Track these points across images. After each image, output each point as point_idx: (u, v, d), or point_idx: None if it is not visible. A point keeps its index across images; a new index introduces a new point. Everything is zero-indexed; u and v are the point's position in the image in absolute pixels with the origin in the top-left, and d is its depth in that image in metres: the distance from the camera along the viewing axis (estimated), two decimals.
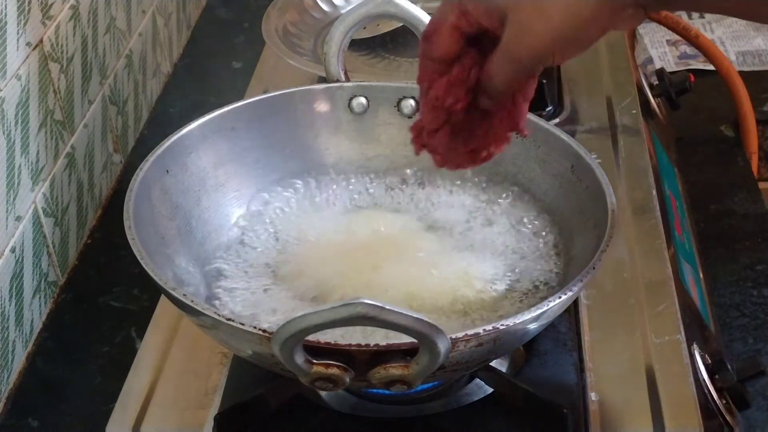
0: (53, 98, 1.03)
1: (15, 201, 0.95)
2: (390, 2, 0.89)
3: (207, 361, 0.86)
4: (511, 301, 0.81)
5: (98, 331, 1.00)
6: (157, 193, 0.84)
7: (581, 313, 0.88)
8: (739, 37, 1.52)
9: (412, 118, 0.94)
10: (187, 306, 0.70)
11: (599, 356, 0.84)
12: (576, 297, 0.75)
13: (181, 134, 0.88)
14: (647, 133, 1.13)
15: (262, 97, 0.94)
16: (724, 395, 0.86)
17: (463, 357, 0.68)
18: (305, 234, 0.88)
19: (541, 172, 0.89)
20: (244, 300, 0.82)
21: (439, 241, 0.86)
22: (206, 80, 1.38)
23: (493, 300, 0.81)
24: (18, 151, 0.95)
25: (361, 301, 0.60)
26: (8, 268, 0.93)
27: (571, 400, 0.80)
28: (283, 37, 1.22)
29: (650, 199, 1.01)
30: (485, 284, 0.82)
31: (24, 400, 0.94)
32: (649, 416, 0.79)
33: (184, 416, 0.82)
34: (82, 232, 1.11)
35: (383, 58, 1.23)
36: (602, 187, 0.80)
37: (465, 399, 0.82)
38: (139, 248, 0.74)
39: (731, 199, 1.20)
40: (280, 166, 0.94)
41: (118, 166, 1.21)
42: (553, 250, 0.85)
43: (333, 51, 0.92)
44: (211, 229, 0.88)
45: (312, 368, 0.66)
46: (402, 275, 0.81)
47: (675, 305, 0.89)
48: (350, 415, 0.81)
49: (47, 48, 1.01)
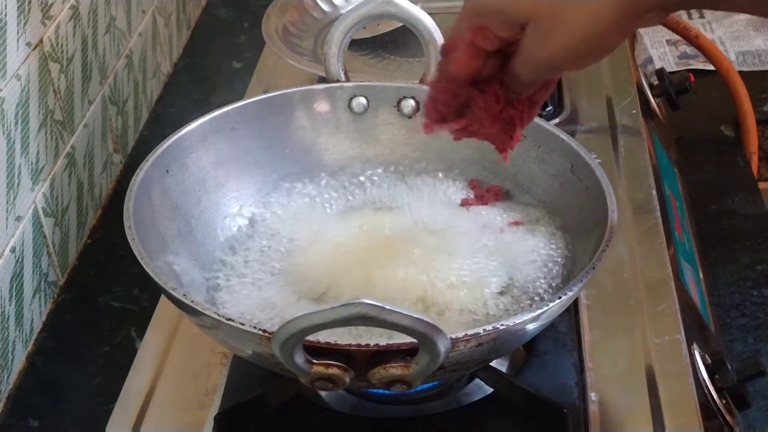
0: (53, 98, 1.03)
1: (15, 201, 0.95)
2: (390, 2, 0.89)
3: (207, 361, 0.86)
4: (511, 301, 0.81)
5: (98, 331, 1.00)
6: (157, 193, 0.84)
7: (581, 313, 0.88)
8: (739, 37, 1.52)
9: (412, 118, 0.94)
10: (187, 306, 0.70)
11: (599, 356, 0.84)
12: (576, 297, 0.75)
13: (181, 134, 0.88)
14: (647, 133, 1.13)
15: (262, 97, 0.94)
16: (724, 395, 0.86)
17: (463, 357, 0.68)
18: (305, 234, 0.88)
19: (541, 172, 0.89)
20: (244, 300, 0.82)
21: (439, 242, 0.86)
22: (206, 80, 1.38)
23: (492, 300, 0.81)
24: (18, 151, 0.95)
25: (361, 301, 0.60)
26: (8, 268, 0.93)
27: (571, 400, 0.80)
28: (283, 37, 1.22)
29: (650, 199, 1.01)
30: (485, 284, 0.82)
31: (24, 400, 0.94)
32: (649, 416, 0.79)
33: (184, 416, 0.82)
34: (82, 232, 1.11)
35: (383, 58, 1.23)
36: (602, 187, 0.80)
37: (465, 399, 0.82)
38: (139, 248, 0.74)
39: (731, 199, 1.20)
40: (280, 166, 0.94)
41: (118, 166, 1.21)
42: (553, 250, 0.85)
43: (333, 51, 0.92)
44: (211, 229, 0.88)
45: (312, 368, 0.66)
46: (402, 275, 0.81)
47: (675, 305, 0.89)
48: (350, 415, 0.81)
49: (47, 48, 1.01)
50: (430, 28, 0.90)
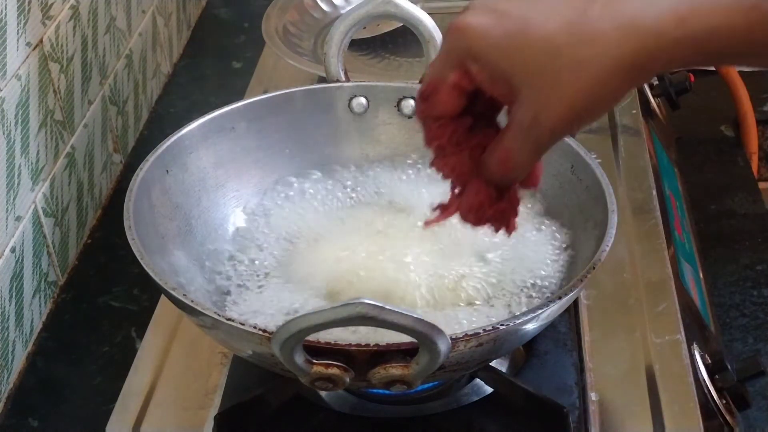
0: (53, 98, 1.03)
1: (15, 201, 0.95)
2: (390, 2, 0.89)
3: (207, 361, 0.86)
4: (511, 301, 0.81)
5: (98, 331, 1.00)
6: (157, 193, 0.84)
7: (581, 313, 0.88)
8: None
9: (412, 118, 0.94)
10: (187, 306, 0.70)
11: (599, 356, 0.84)
12: (576, 297, 0.75)
13: (181, 134, 0.88)
14: (647, 133, 1.13)
15: (262, 97, 0.94)
16: (724, 395, 0.86)
17: (463, 357, 0.68)
18: (305, 234, 0.88)
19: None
20: (243, 300, 0.82)
21: (440, 242, 0.86)
22: (206, 80, 1.38)
23: (492, 300, 0.81)
24: (18, 151, 0.95)
25: (361, 301, 0.60)
26: (8, 268, 0.93)
27: (571, 400, 0.80)
28: (283, 37, 1.22)
29: (650, 199, 1.01)
30: (485, 284, 0.82)
31: (24, 400, 0.94)
32: (649, 416, 0.79)
33: (184, 416, 0.82)
34: (82, 232, 1.11)
35: (383, 58, 1.23)
36: (602, 187, 0.80)
37: (465, 399, 0.82)
38: (139, 248, 0.74)
39: (731, 199, 1.20)
40: (279, 166, 0.94)
41: (118, 166, 1.21)
42: (553, 250, 0.85)
43: (333, 51, 0.92)
44: (211, 229, 0.88)
45: (312, 368, 0.66)
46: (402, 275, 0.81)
47: (675, 305, 0.89)
48: (350, 415, 0.81)
49: (47, 48, 1.01)
50: (430, 28, 0.90)
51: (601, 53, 0.59)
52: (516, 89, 0.61)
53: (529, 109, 0.61)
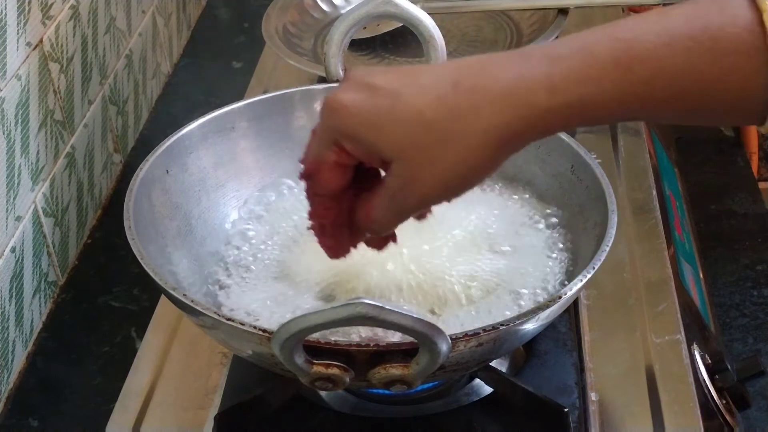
0: (53, 98, 1.03)
1: (15, 201, 0.95)
2: (390, 2, 0.89)
3: (207, 361, 0.86)
4: (511, 301, 0.81)
5: (98, 331, 1.00)
6: (157, 193, 0.84)
7: (581, 313, 0.88)
8: None
9: None
10: (187, 306, 0.70)
11: (599, 356, 0.84)
12: (576, 297, 0.75)
13: (181, 134, 0.88)
14: (647, 133, 1.13)
15: (262, 97, 0.94)
16: (724, 395, 0.86)
17: (463, 357, 0.68)
18: (305, 234, 0.88)
19: (541, 172, 0.89)
20: (244, 299, 0.82)
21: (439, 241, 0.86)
22: (206, 80, 1.38)
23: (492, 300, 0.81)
24: (18, 151, 0.95)
25: (361, 301, 0.60)
26: (8, 268, 0.93)
27: (571, 400, 0.80)
28: (283, 37, 1.21)
29: (650, 199, 1.01)
30: (485, 284, 0.82)
31: (24, 400, 0.94)
32: (649, 416, 0.79)
33: (184, 416, 0.82)
34: (82, 232, 1.11)
35: (383, 58, 1.23)
36: (602, 187, 0.80)
37: (465, 399, 0.82)
38: (139, 248, 0.74)
39: (731, 199, 1.20)
40: (279, 166, 0.93)
41: (118, 166, 1.21)
42: (553, 250, 0.85)
43: (333, 51, 0.92)
44: (211, 229, 0.88)
45: (312, 368, 0.66)
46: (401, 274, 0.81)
47: (675, 305, 0.89)
48: (350, 415, 0.81)
49: (47, 48, 1.01)
50: (430, 28, 0.89)
51: (472, 127, 0.59)
52: (388, 161, 0.62)
53: (399, 178, 0.62)
